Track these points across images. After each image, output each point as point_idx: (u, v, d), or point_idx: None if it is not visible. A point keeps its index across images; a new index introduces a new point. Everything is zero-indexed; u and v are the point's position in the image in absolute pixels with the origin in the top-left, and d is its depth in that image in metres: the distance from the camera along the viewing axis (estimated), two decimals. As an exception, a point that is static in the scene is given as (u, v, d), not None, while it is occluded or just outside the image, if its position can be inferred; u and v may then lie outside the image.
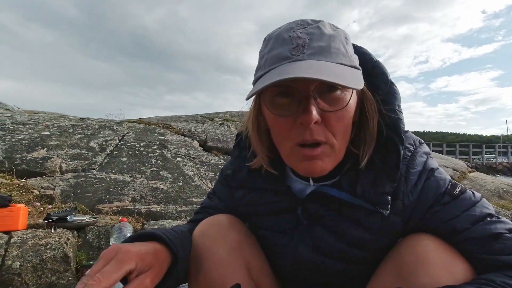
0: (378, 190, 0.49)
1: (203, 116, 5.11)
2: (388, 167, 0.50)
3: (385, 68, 0.53)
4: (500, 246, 0.45)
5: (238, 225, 0.60)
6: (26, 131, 2.59)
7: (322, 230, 0.55)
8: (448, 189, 0.50)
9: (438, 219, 0.49)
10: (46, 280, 1.03)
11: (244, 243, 0.58)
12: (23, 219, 1.20)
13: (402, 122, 0.51)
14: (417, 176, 0.51)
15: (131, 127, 3.23)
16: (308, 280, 0.61)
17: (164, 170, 2.30)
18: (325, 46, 0.45)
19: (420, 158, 0.53)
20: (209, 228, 0.58)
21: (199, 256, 0.55)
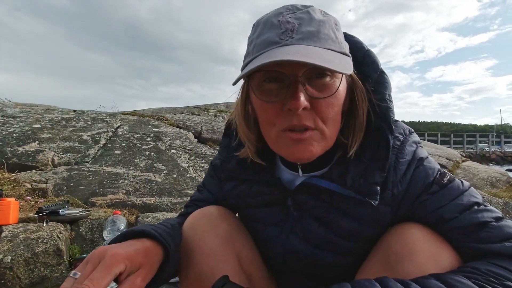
0: (368, 180, 0.49)
1: (198, 108, 5.06)
2: (378, 157, 0.49)
3: (376, 57, 0.53)
4: (486, 234, 0.45)
5: (228, 216, 0.59)
6: (16, 124, 2.54)
7: (312, 221, 0.55)
8: (437, 178, 0.50)
9: (426, 208, 0.49)
10: (39, 273, 1.02)
11: (234, 234, 0.57)
12: (14, 213, 1.19)
13: (392, 111, 0.50)
14: (406, 166, 0.51)
15: (125, 119, 3.19)
16: (300, 271, 0.60)
17: (158, 162, 2.29)
18: (314, 31, 0.44)
19: (410, 147, 0.52)
20: (199, 220, 0.57)
21: (189, 248, 0.54)
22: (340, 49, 0.45)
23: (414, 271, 0.42)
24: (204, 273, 0.52)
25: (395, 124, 0.52)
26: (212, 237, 0.55)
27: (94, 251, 0.41)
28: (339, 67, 0.41)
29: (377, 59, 0.53)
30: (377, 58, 0.53)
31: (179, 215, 0.68)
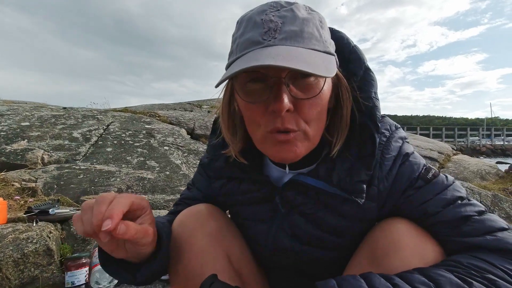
0: (354, 178, 0.49)
1: (191, 104, 5.03)
2: (364, 154, 0.49)
3: (362, 54, 0.52)
4: (469, 228, 0.46)
5: (218, 214, 0.59)
6: (4, 122, 2.49)
7: (300, 218, 0.55)
8: (422, 173, 0.50)
9: (411, 203, 0.49)
10: (29, 274, 1.01)
11: (223, 232, 0.57)
12: (2, 213, 1.17)
13: (378, 109, 0.50)
14: (392, 162, 0.51)
15: (116, 116, 3.15)
16: (289, 268, 0.61)
17: (151, 159, 2.27)
18: (298, 31, 0.43)
19: (395, 143, 0.52)
20: (188, 218, 0.57)
21: (179, 246, 0.54)
22: (324, 48, 0.44)
23: (399, 265, 0.43)
24: (194, 271, 0.51)
25: (381, 120, 0.52)
26: (201, 234, 0.54)
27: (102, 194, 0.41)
28: (321, 70, 0.40)
29: (363, 55, 0.52)
30: (363, 54, 0.52)
31: (168, 213, 0.68)
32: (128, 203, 0.41)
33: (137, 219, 0.44)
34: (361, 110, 0.50)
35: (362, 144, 0.49)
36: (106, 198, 0.40)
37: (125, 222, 0.39)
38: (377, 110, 0.50)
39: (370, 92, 0.50)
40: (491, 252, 0.43)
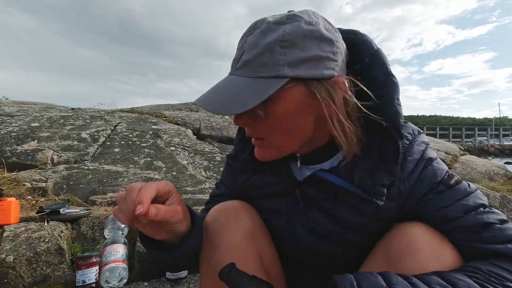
0: (376, 181, 0.50)
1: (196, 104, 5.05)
2: (387, 159, 0.50)
3: (385, 59, 0.52)
4: (490, 235, 0.46)
5: (251, 211, 0.62)
6: (15, 123, 2.54)
7: (319, 213, 0.57)
8: (445, 179, 0.51)
9: (432, 206, 0.50)
10: (41, 272, 1.03)
11: (257, 230, 0.59)
12: (15, 213, 1.19)
13: (400, 116, 0.50)
14: (414, 164, 0.52)
15: (123, 116, 3.19)
16: (307, 264, 0.63)
17: (157, 159, 2.29)
18: (250, 60, 0.46)
19: (418, 147, 0.53)
20: (222, 213, 0.59)
21: (212, 241, 0.56)
22: (273, 73, 0.45)
23: (416, 268, 0.43)
24: None
25: (404, 125, 0.53)
26: (235, 232, 0.56)
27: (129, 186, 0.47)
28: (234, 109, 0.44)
29: (387, 60, 0.52)
30: (387, 59, 0.52)
31: (201, 211, 0.71)
32: (155, 189, 0.46)
33: (166, 202, 0.49)
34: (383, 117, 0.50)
35: (385, 149, 0.50)
36: (135, 187, 0.45)
37: (154, 205, 0.45)
38: (400, 117, 0.50)
39: (392, 98, 0.50)
40: (511, 261, 0.43)
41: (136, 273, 1.16)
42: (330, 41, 0.47)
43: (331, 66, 0.47)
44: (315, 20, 0.47)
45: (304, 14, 0.48)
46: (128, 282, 1.11)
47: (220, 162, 2.45)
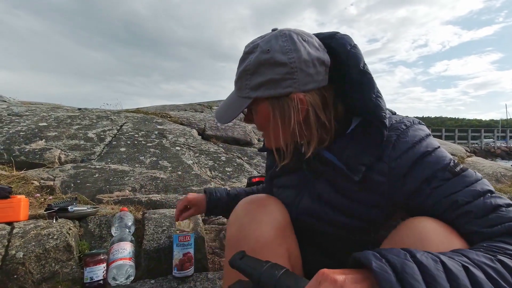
0: (358, 160, 0.58)
1: (201, 105, 5.08)
2: (373, 144, 0.58)
3: (357, 58, 0.57)
4: (497, 216, 0.47)
5: (282, 208, 0.67)
6: (23, 122, 2.57)
7: (324, 182, 0.66)
8: (450, 166, 0.53)
9: (440, 194, 0.52)
10: (50, 269, 1.05)
11: (288, 229, 0.65)
12: (24, 210, 1.21)
13: (380, 108, 0.55)
14: (409, 145, 0.56)
15: (129, 116, 3.22)
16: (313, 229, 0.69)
17: (163, 159, 2.31)
18: (235, 81, 0.63)
19: (414, 132, 0.58)
20: (254, 208, 0.65)
21: (244, 235, 0.61)
22: (244, 95, 0.61)
23: None
24: None
25: (406, 117, 0.61)
26: (269, 228, 0.61)
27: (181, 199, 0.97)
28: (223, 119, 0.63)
29: (358, 59, 0.57)
30: (359, 58, 0.57)
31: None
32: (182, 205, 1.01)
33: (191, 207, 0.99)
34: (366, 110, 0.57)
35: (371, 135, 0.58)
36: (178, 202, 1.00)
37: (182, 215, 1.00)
38: (380, 110, 0.55)
39: (369, 94, 0.56)
40: None
41: (143, 271, 1.16)
42: (283, 64, 0.56)
43: (288, 84, 0.57)
44: (272, 46, 0.57)
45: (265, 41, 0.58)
46: (135, 279, 1.12)
47: (225, 162, 2.46)
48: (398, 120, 0.61)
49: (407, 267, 0.34)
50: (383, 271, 0.34)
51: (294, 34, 0.58)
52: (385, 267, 0.34)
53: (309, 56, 0.56)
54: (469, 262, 0.38)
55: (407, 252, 0.37)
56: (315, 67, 0.57)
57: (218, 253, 1.42)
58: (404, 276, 0.33)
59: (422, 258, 0.36)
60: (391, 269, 0.34)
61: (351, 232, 0.64)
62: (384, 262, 0.35)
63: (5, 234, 1.06)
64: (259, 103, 0.60)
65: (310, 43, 0.58)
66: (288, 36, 0.57)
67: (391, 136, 0.57)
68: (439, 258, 0.37)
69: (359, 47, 0.58)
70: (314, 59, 0.57)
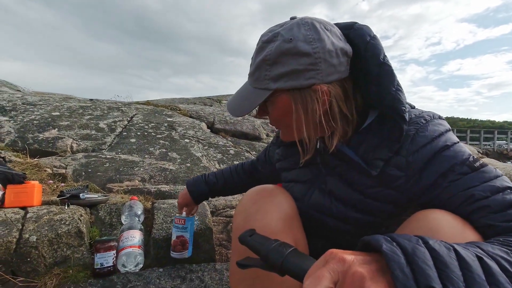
0: (376, 155, 0.57)
1: (211, 99, 5.09)
2: (391, 138, 0.56)
3: (376, 49, 0.55)
4: None
5: (290, 199, 0.67)
6: (37, 111, 2.62)
7: (336, 177, 0.65)
8: (469, 161, 0.51)
9: (457, 187, 0.50)
10: (62, 253, 1.07)
11: (295, 219, 0.64)
12: (38, 196, 1.24)
13: (400, 102, 0.54)
14: (428, 140, 0.54)
15: (139, 108, 3.24)
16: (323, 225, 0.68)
17: (172, 151, 2.32)
18: (250, 74, 0.60)
19: (434, 126, 0.56)
20: (262, 197, 0.65)
21: (251, 224, 0.60)
22: (262, 86, 0.58)
23: None
24: None
25: (426, 112, 0.59)
26: (276, 218, 0.60)
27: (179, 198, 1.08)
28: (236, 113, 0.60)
29: (378, 51, 0.55)
30: (379, 49, 0.55)
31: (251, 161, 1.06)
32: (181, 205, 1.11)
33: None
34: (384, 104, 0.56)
35: (391, 129, 0.56)
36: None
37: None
38: (399, 103, 0.54)
39: (388, 87, 0.54)
40: None
41: (151, 259, 1.18)
42: (307, 54, 0.54)
43: (311, 75, 0.54)
44: (295, 35, 0.54)
45: (287, 30, 0.55)
46: (144, 267, 1.13)
47: (233, 156, 2.46)
48: (418, 114, 0.59)
49: (418, 252, 0.33)
50: (393, 253, 0.33)
51: (316, 23, 0.56)
52: (395, 250, 0.33)
53: (333, 46, 0.54)
54: (484, 253, 0.36)
55: (419, 238, 0.36)
56: (338, 57, 0.55)
57: (225, 245, 1.43)
58: (415, 259, 0.32)
59: (435, 245, 0.35)
60: (401, 252, 0.33)
61: (363, 228, 0.63)
62: (395, 245, 0.34)
63: (19, 218, 1.09)
64: (278, 95, 0.58)
65: (332, 32, 0.56)
66: (310, 25, 0.55)
67: (409, 130, 0.56)
68: (453, 247, 0.35)
69: (378, 38, 0.56)
70: (338, 49, 0.55)
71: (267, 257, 0.41)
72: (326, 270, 0.32)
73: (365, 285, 0.30)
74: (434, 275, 0.31)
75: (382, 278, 0.32)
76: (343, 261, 0.33)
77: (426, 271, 0.31)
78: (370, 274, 0.31)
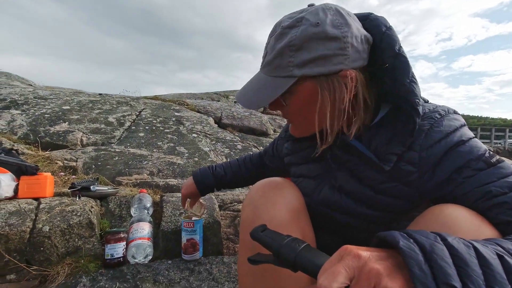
0: (388, 149, 0.56)
1: (218, 94, 5.10)
2: (404, 132, 0.55)
3: (392, 40, 0.54)
4: None
5: (297, 191, 0.66)
6: (48, 105, 2.66)
7: (346, 173, 0.64)
8: (485, 156, 0.50)
9: (473, 183, 0.49)
10: (73, 244, 1.09)
11: (302, 211, 0.63)
12: (50, 187, 1.26)
13: (414, 94, 0.52)
14: (442, 135, 0.53)
15: (148, 103, 3.27)
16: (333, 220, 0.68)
17: (180, 145, 2.34)
18: (270, 61, 0.55)
19: (449, 121, 0.55)
20: (269, 190, 0.64)
21: (258, 217, 0.60)
22: (285, 74, 0.54)
23: None
24: None
25: (441, 106, 0.57)
26: (283, 210, 0.59)
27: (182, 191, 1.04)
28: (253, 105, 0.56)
29: (394, 41, 0.54)
30: (394, 39, 0.54)
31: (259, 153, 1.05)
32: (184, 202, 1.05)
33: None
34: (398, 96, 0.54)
35: (406, 122, 0.55)
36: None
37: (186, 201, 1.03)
38: (414, 96, 0.53)
39: (403, 79, 0.53)
40: None
41: (160, 251, 1.20)
42: (335, 39, 0.51)
43: (339, 61, 0.52)
44: (322, 19, 0.52)
45: (313, 14, 0.53)
46: (153, 259, 1.15)
47: (241, 151, 2.47)
48: (432, 108, 0.57)
49: (437, 249, 0.32)
50: (411, 250, 0.32)
51: (340, 9, 0.54)
52: (413, 247, 0.32)
53: (358, 32, 0.53)
54: (504, 251, 0.35)
55: (437, 235, 0.35)
56: (362, 44, 0.54)
57: (233, 239, 1.44)
58: (433, 257, 0.31)
59: (453, 241, 0.34)
60: (419, 249, 0.32)
61: (373, 223, 0.63)
62: (412, 242, 0.33)
63: (33, 208, 1.11)
64: (301, 83, 0.54)
65: (354, 19, 0.55)
66: (335, 10, 0.54)
67: (424, 125, 0.54)
68: (472, 244, 0.34)
69: (394, 29, 0.55)
70: (362, 35, 0.54)
71: (279, 253, 0.40)
72: (342, 266, 0.32)
73: (382, 281, 0.30)
74: (453, 272, 0.30)
75: (399, 275, 0.31)
76: (358, 257, 0.32)
77: (445, 269, 0.30)
78: (387, 271, 0.31)
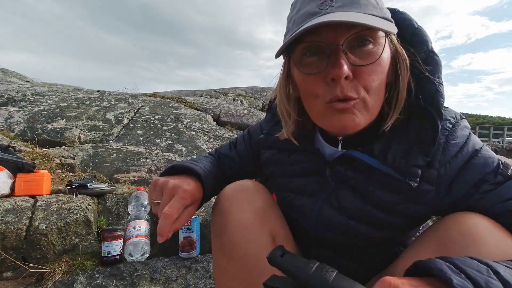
0: (410, 162, 0.48)
1: (217, 91, 5.08)
2: (423, 140, 0.48)
3: (426, 36, 0.50)
4: None
5: (264, 193, 0.61)
6: (45, 102, 2.65)
7: (349, 192, 0.56)
8: (501, 169, 0.48)
9: (492, 198, 0.47)
10: (70, 241, 1.09)
11: (269, 210, 0.59)
12: (47, 185, 1.26)
13: (441, 95, 0.48)
14: (458, 148, 0.49)
15: (146, 100, 3.26)
16: (332, 243, 0.61)
17: (178, 143, 2.34)
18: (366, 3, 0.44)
19: (461, 131, 0.51)
20: (237, 193, 0.60)
21: (225, 219, 0.57)
22: (382, 15, 0.45)
23: None
24: (238, 245, 0.54)
25: (445, 109, 0.52)
26: (248, 210, 0.56)
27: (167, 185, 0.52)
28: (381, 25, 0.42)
29: (428, 38, 0.50)
30: (428, 37, 0.50)
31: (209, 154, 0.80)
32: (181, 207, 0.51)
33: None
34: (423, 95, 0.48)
35: (423, 129, 0.48)
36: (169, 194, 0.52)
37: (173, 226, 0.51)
38: (440, 96, 0.48)
39: (433, 77, 0.49)
40: None
41: (157, 249, 1.20)
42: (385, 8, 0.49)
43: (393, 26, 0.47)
44: None
45: None
46: (150, 257, 1.15)
47: (239, 149, 2.47)
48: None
49: (493, 286, 0.30)
50: None
51: None
52: (467, 284, 0.30)
53: None
54: None
55: (488, 267, 0.33)
56: None
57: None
58: None
59: (506, 275, 0.32)
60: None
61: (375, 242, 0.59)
62: (465, 278, 0.31)
63: (29, 206, 1.11)
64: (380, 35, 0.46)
65: None
66: None
67: (440, 138, 0.49)
68: None
69: None
70: None
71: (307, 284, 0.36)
72: None
73: None
74: None
75: None
76: None
77: None
78: None
